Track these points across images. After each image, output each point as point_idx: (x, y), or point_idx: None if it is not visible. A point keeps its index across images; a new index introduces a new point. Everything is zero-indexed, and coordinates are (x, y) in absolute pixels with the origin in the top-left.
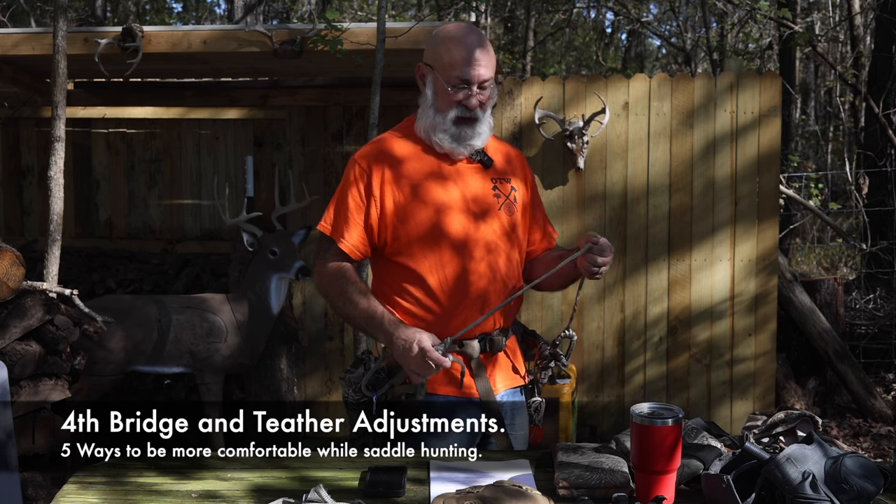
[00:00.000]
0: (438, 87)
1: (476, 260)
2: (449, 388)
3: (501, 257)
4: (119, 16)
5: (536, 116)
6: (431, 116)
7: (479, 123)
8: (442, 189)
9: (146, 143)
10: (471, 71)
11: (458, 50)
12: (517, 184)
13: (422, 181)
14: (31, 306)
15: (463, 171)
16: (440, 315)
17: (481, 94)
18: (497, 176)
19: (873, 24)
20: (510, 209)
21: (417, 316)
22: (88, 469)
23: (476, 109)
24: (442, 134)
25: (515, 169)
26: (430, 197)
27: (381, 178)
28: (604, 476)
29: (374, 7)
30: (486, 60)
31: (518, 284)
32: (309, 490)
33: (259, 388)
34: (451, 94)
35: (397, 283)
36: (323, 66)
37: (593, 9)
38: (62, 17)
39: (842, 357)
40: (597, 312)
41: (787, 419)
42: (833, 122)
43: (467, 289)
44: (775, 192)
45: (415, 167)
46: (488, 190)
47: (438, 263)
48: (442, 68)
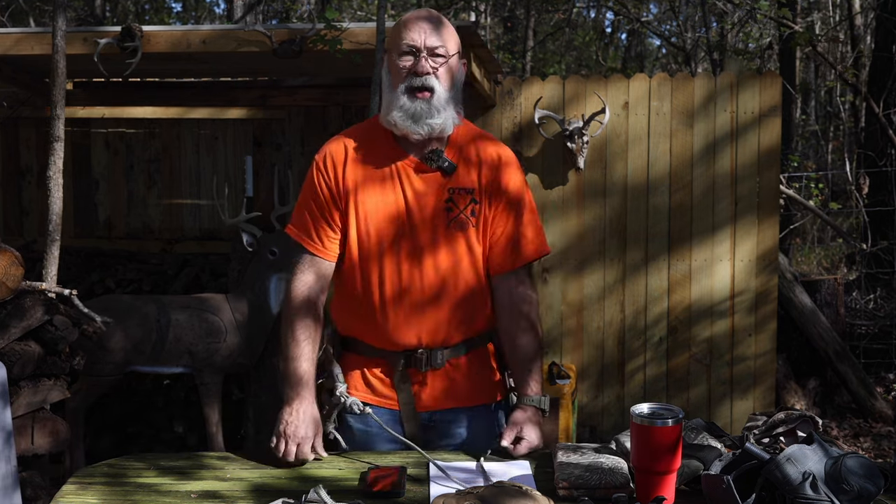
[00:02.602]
0: (391, 65)
1: (413, 272)
2: (371, 397)
3: (446, 272)
4: (118, 15)
5: (536, 116)
6: (387, 97)
7: (436, 97)
8: (386, 196)
9: (145, 142)
10: (417, 36)
11: (406, 23)
12: (484, 195)
13: (367, 185)
14: (30, 306)
15: (414, 179)
16: (379, 326)
17: (434, 61)
18: (456, 186)
19: (873, 23)
20: (461, 225)
21: (361, 327)
22: (88, 469)
23: (428, 77)
24: (396, 112)
25: (490, 175)
26: (372, 203)
27: (336, 177)
28: (604, 476)
29: (374, 7)
30: (435, 30)
31: (477, 304)
32: (309, 490)
33: (258, 388)
34: (399, 62)
35: (344, 288)
36: (322, 66)
37: (593, 9)
38: (61, 16)
39: (842, 357)
40: (597, 312)
41: (787, 419)
42: (833, 122)
43: (405, 305)
44: (775, 192)
45: (364, 168)
46: (440, 202)
47: (375, 276)
48: (393, 44)
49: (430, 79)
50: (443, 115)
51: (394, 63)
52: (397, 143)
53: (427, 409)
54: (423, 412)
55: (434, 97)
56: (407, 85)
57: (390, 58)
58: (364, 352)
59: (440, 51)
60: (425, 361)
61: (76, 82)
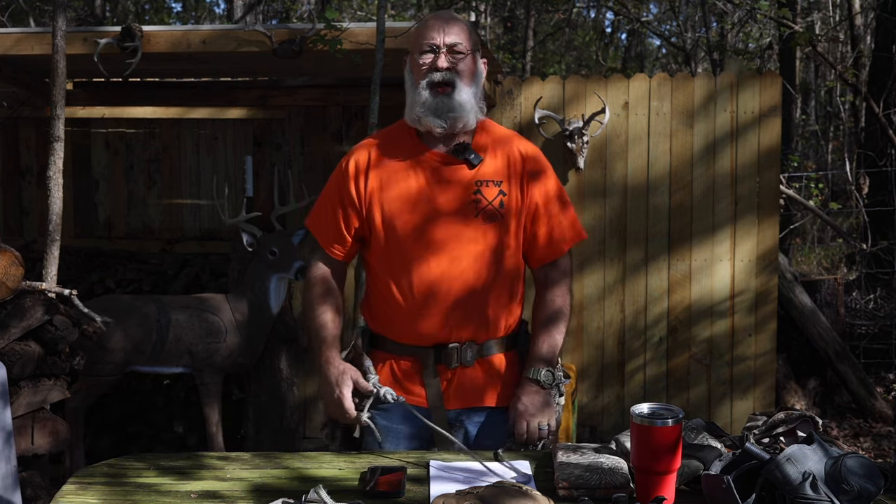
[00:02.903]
0: (413, 64)
1: (441, 265)
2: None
3: (474, 265)
4: (118, 15)
5: (536, 116)
6: (410, 95)
7: (458, 92)
8: (411, 190)
9: (145, 142)
10: (436, 34)
11: (425, 23)
12: (513, 187)
13: (392, 181)
14: (30, 306)
15: (440, 171)
16: (408, 320)
17: (453, 58)
18: (483, 178)
19: (873, 23)
20: (490, 215)
21: (390, 322)
22: (88, 469)
23: (449, 72)
24: (419, 107)
25: (516, 169)
26: (397, 198)
27: (356, 178)
28: (604, 476)
29: (374, 7)
30: (453, 28)
31: (508, 298)
32: (309, 490)
33: (259, 388)
34: (420, 60)
35: (373, 281)
36: (322, 66)
37: (593, 9)
38: (61, 16)
39: (842, 357)
40: (597, 312)
41: (787, 419)
42: (833, 122)
43: (434, 298)
44: (776, 192)
45: (390, 165)
46: (467, 193)
47: (403, 270)
48: (414, 45)
49: (449, 74)
50: (464, 109)
51: (415, 62)
52: (422, 140)
53: (455, 408)
54: (451, 409)
55: (455, 92)
56: (428, 81)
57: (412, 58)
58: (393, 349)
59: (459, 47)
60: (455, 357)
61: (76, 82)
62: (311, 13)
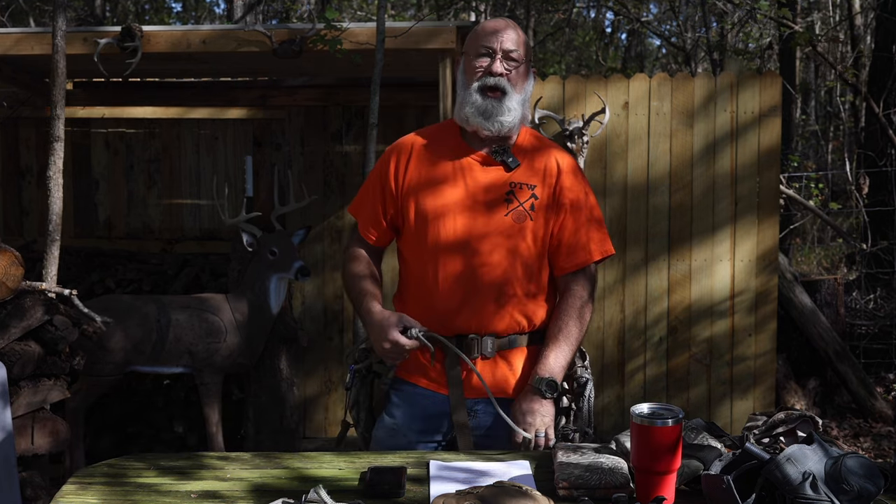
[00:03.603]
0: (467, 64)
1: (467, 259)
2: (419, 377)
3: (500, 261)
4: (118, 15)
5: (536, 116)
6: (461, 95)
7: (508, 98)
8: (447, 185)
9: (145, 142)
10: (493, 38)
11: (484, 26)
12: (545, 194)
13: (430, 175)
14: (30, 306)
15: (477, 170)
16: (434, 309)
17: (507, 65)
18: (518, 181)
19: (873, 23)
20: (520, 216)
21: (419, 310)
22: (88, 469)
23: (501, 78)
24: (469, 108)
25: (551, 180)
26: (433, 192)
27: (397, 168)
28: (604, 476)
29: (374, 7)
30: (511, 35)
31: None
32: (309, 490)
33: (259, 388)
34: (475, 62)
35: (405, 274)
36: (322, 66)
37: (593, 9)
38: (61, 16)
39: (842, 357)
40: (597, 312)
41: (787, 419)
42: (833, 122)
43: (460, 289)
44: (776, 192)
45: (430, 160)
46: (500, 193)
47: (433, 260)
48: (470, 47)
49: (502, 80)
50: (512, 115)
51: (470, 63)
52: (466, 140)
53: (474, 397)
54: (469, 398)
55: (505, 98)
56: (480, 84)
57: (467, 59)
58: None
59: (514, 55)
60: (476, 348)
61: (76, 82)
62: (311, 13)
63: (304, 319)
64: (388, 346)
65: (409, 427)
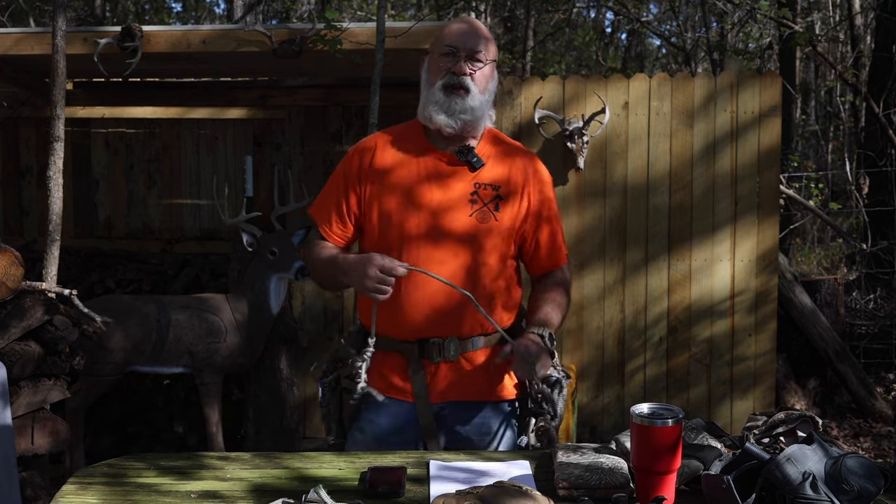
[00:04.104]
0: (432, 64)
1: (430, 261)
2: (386, 389)
3: (463, 262)
4: (118, 15)
5: (536, 116)
6: (425, 93)
7: (471, 97)
8: (412, 185)
9: (145, 142)
10: (458, 38)
11: (450, 26)
12: (511, 194)
13: (394, 175)
14: (30, 306)
15: (442, 170)
16: (396, 312)
17: (471, 66)
18: (482, 181)
19: (873, 23)
20: (484, 216)
21: (381, 311)
22: (88, 469)
23: (465, 78)
24: (432, 106)
25: (517, 180)
26: (397, 192)
27: (360, 168)
28: (604, 476)
29: (374, 7)
30: (477, 35)
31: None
32: (309, 490)
33: (258, 388)
34: (440, 62)
35: None
36: (322, 66)
37: (593, 8)
38: (61, 16)
39: (842, 357)
40: (597, 312)
41: (787, 419)
42: (833, 122)
43: (417, 290)
44: (776, 192)
45: (394, 160)
46: (465, 193)
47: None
48: (436, 46)
49: (466, 79)
50: (475, 114)
51: (434, 62)
52: (430, 140)
53: (439, 401)
54: (435, 403)
55: (468, 96)
56: (445, 82)
57: (432, 58)
58: (382, 345)
59: (479, 55)
60: (438, 351)
61: (76, 82)
62: (311, 13)
63: (304, 319)
64: (373, 274)
65: (380, 441)
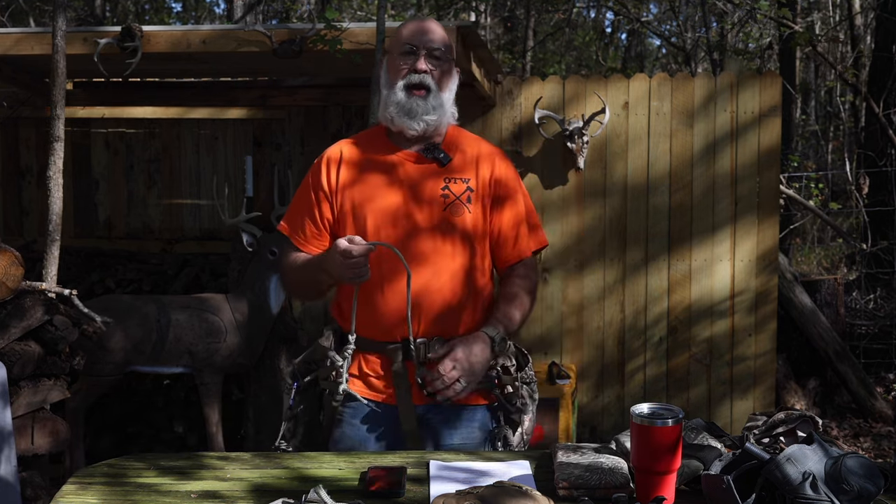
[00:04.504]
0: (391, 63)
1: (412, 262)
2: (368, 391)
3: (439, 260)
4: (118, 15)
5: (536, 116)
6: (385, 94)
7: (433, 96)
8: (383, 188)
9: (145, 142)
10: (417, 36)
11: (407, 25)
12: (478, 183)
13: (364, 180)
14: (30, 306)
15: (410, 169)
16: (376, 315)
17: (431, 63)
18: (451, 175)
19: (873, 23)
20: (457, 209)
21: (359, 315)
22: (88, 469)
23: (425, 76)
24: (393, 107)
25: (481, 168)
26: (369, 196)
27: (328, 176)
28: (604, 476)
29: (374, 7)
30: (435, 33)
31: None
32: (309, 490)
33: (258, 388)
34: (399, 61)
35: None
36: (322, 66)
37: (593, 9)
38: (61, 16)
39: (842, 357)
40: (597, 312)
41: (787, 419)
42: (833, 122)
43: (396, 290)
44: (776, 192)
45: (361, 165)
46: (436, 189)
47: (374, 264)
48: (394, 46)
49: (426, 77)
50: (437, 113)
51: (394, 62)
52: (393, 141)
53: (422, 403)
54: (419, 405)
55: (430, 96)
56: (405, 82)
57: (391, 58)
58: (362, 346)
59: (437, 53)
60: (421, 353)
61: (76, 82)
62: (311, 13)
63: (304, 319)
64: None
65: (363, 444)
